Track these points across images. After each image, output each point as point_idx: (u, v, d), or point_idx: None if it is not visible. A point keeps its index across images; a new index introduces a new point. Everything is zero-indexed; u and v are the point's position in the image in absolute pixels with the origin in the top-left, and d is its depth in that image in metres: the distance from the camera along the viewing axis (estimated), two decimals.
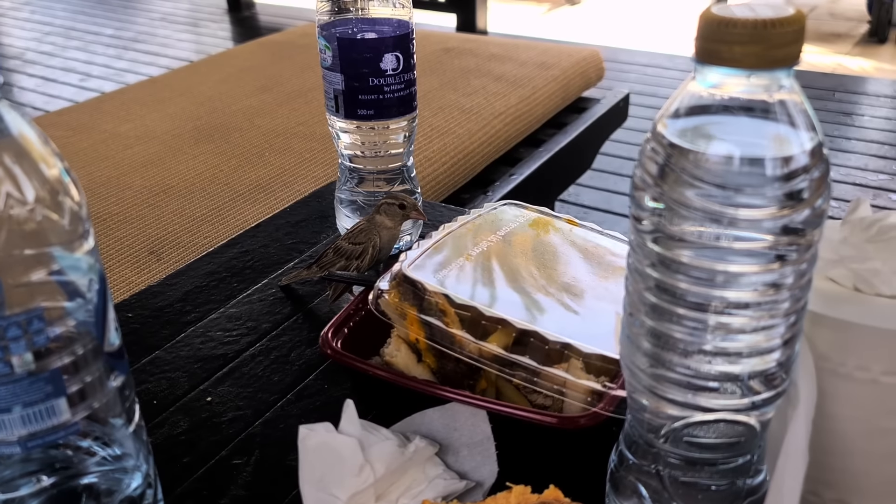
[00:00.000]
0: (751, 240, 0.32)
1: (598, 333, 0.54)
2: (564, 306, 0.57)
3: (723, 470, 0.40)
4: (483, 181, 1.42)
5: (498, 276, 0.58)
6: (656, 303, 0.35)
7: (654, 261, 0.35)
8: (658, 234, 0.34)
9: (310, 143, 1.38)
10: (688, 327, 0.34)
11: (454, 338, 0.53)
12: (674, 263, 0.33)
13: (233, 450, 0.54)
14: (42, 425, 0.36)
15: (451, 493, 0.47)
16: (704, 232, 0.32)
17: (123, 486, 0.42)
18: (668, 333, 0.35)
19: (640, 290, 0.37)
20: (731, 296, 0.33)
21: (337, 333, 0.57)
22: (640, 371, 0.39)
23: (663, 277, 0.34)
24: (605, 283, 0.59)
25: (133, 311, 0.70)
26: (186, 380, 0.61)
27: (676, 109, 0.35)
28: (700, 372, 0.36)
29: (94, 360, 0.37)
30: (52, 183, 0.35)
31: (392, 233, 0.68)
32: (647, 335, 0.37)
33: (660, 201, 0.34)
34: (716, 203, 0.32)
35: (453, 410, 0.51)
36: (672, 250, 0.33)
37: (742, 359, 0.35)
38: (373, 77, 0.70)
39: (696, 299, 0.34)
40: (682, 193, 0.33)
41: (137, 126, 1.49)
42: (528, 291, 0.57)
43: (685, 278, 0.33)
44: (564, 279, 0.59)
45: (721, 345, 0.34)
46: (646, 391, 0.39)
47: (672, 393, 0.37)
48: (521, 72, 1.62)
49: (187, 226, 1.14)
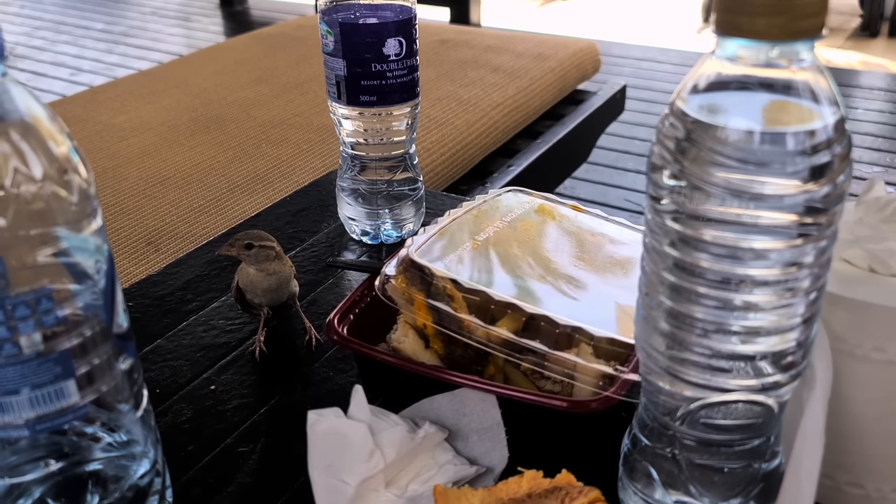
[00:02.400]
0: (773, 216, 0.32)
1: (603, 319, 0.54)
2: (571, 292, 0.56)
3: (739, 452, 0.40)
4: (481, 172, 1.41)
5: (504, 262, 0.58)
6: (675, 282, 0.35)
7: (673, 239, 0.34)
8: (678, 213, 0.34)
9: (307, 133, 1.37)
10: (708, 306, 0.34)
11: (462, 323, 0.52)
12: (695, 241, 0.33)
13: (238, 437, 0.53)
14: (50, 408, 0.35)
15: (461, 478, 0.47)
16: (726, 208, 0.32)
17: (131, 472, 0.41)
18: (687, 313, 0.35)
19: (659, 270, 0.36)
20: (752, 273, 0.32)
21: (343, 319, 0.56)
22: (656, 352, 0.38)
23: (683, 256, 0.34)
24: (611, 270, 0.59)
25: (133, 300, 0.69)
26: (189, 368, 0.60)
27: (695, 85, 0.34)
28: (719, 352, 0.35)
29: (102, 342, 0.36)
30: (61, 160, 0.35)
31: (249, 277, 0.60)
32: (665, 316, 0.37)
33: (680, 179, 0.34)
34: (738, 178, 0.32)
35: (462, 396, 0.50)
36: (693, 228, 0.33)
37: (762, 338, 0.35)
38: (375, 62, 0.69)
39: (717, 277, 0.33)
40: (703, 169, 0.32)
41: (132, 118, 1.48)
42: (534, 277, 0.57)
43: (706, 256, 0.33)
44: (570, 265, 0.58)
45: (741, 323, 0.34)
46: (662, 373, 0.39)
47: (690, 374, 0.37)
48: (518, 63, 1.62)
49: (185, 217, 1.13)
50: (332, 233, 0.80)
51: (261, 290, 0.61)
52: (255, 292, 0.61)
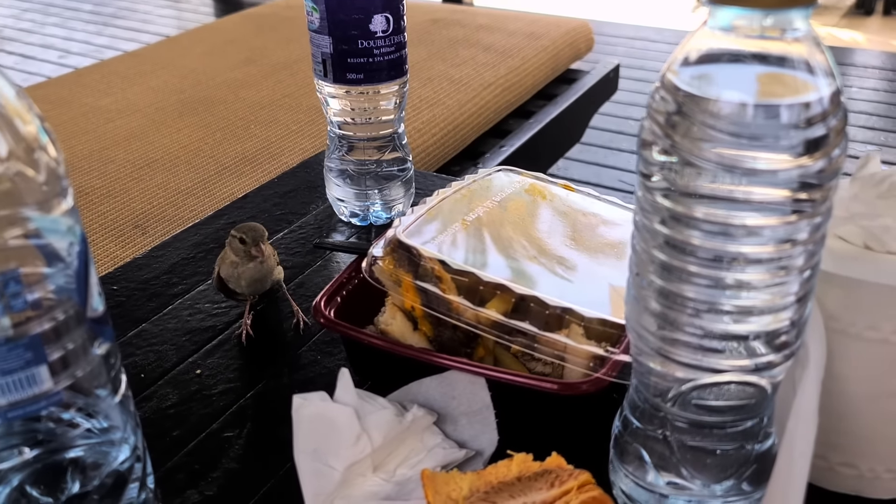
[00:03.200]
0: (767, 191, 0.31)
1: (596, 300, 0.53)
2: (561, 273, 0.55)
3: (731, 433, 0.39)
4: (473, 153, 1.40)
5: (494, 243, 0.57)
6: (666, 261, 0.34)
7: (664, 217, 0.33)
8: (669, 189, 0.33)
9: (296, 114, 1.35)
10: (700, 285, 0.33)
11: (451, 304, 0.51)
12: (686, 218, 0.32)
13: (224, 422, 0.52)
14: (22, 394, 0.34)
15: (450, 462, 0.46)
16: (719, 184, 0.31)
17: (110, 459, 0.40)
18: (678, 293, 0.34)
19: (649, 249, 0.35)
20: (745, 250, 0.31)
21: (330, 302, 0.55)
22: (647, 333, 0.38)
23: (674, 234, 0.33)
24: (602, 250, 0.58)
25: (118, 284, 0.68)
26: (175, 352, 0.59)
27: (686, 56, 0.33)
28: (711, 332, 0.35)
29: (76, 326, 0.35)
30: (28, 139, 0.33)
31: (235, 269, 0.59)
32: (656, 295, 0.36)
33: (671, 154, 0.32)
34: (731, 153, 0.31)
35: (451, 379, 0.49)
36: (684, 205, 0.32)
37: (755, 317, 0.34)
38: (362, 39, 0.67)
39: (708, 255, 0.32)
40: (694, 144, 0.31)
41: (119, 99, 1.46)
42: (524, 257, 0.56)
43: (698, 233, 0.32)
44: (562, 246, 0.57)
45: (734, 303, 0.33)
46: (653, 353, 0.38)
47: (681, 354, 0.36)
48: (510, 42, 1.60)
49: (172, 199, 1.12)
50: (320, 214, 0.79)
51: (245, 280, 0.59)
52: (238, 283, 0.59)
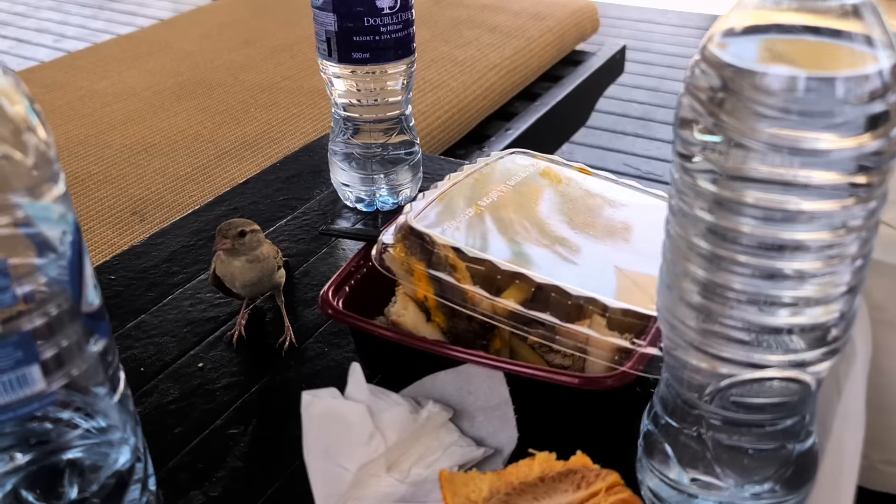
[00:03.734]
0: (824, 174, 0.28)
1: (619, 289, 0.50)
2: (581, 259, 0.53)
3: (771, 432, 0.37)
4: (478, 136, 1.37)
5: (509, 229, 0.54)
6: (710, 249, 0.31)
7: (708, 203, 0.31)
8: (713, 172, 0.30)
9: (297, 97, 1.32)
10: (747, 275, 0.30)
11: (466, 294, 0.49)
12: (734, 204, 0.29)
13: (228, 419, 0.50)
14: (13, 396, 0.31)
15: (468, 461, 0.44)
16: (773, 166, 0.28)
17: (110, 461, 0.38)
18: (723, 283, 0.31)
19: (688, 236, 0.32)
20: (800, 237, 0.29)
21: (337, 292, 0.52)
22: (683, 325, 0.35)
23: (720, 221, 0.30)
24: (619, 235, 0.55)
25: (116, 273, 0.65)
26: (175, 345, 0.57)
27: (731, 27, 0.30)
28: (756, 325, 0.32)
29: (70, 321, 0.33)
30: (15, 120, 0.31)
31: (228, 268, 0.55)
32: (696, 285, 0.33)
33: (715, 133, 0.30)
34: (785, 132, 0.28)
35: (467, 373, 0.47)
36: (732, 189, 0.29)
37: (804, 309, 0.31)
38: (368, 16, 0.64)
39: (758, 243, 0.30)
40: (743, 122, 0.29)
41: (115, 83, 1.43)
42: (542, 244, 0.53)
43: (748, 220, 0.29)
44: (580, 232, 0.55)
45: (783, 294, 0.31)
46: (689, 347, 0.35)
47: (722, 349, 0.33)
48: (515, 22, 1.57)
49: (171, 185, 1.09)
50: (324, 200, 0.76)
51: (240, 282, 0.56)
52: (233, 283, 0.56)
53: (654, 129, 2.36)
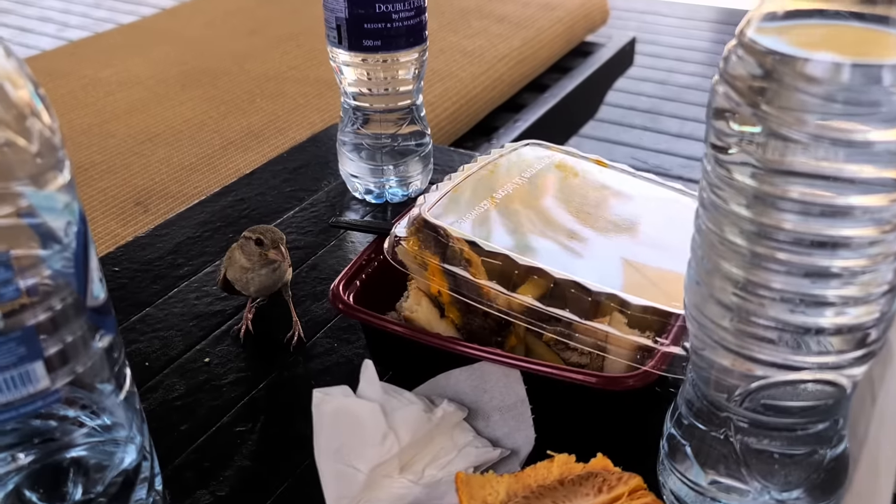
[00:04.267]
0: (872, 168, 0.27)
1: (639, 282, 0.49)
2: (597, 253, 0.51)
3: (802, 437, 0.35)
4: (486, 128, 1.35)
5: (526, 222, 0.53)
6: (748, 246, 0.30)
7: (746, 197, 0.29)
8: (752, 165, 0.29)
9: (303, 87, 1.30)
10: (787, 274, 0.29)
11: (481, 289, 0.47)
12: (776, 199, 0.28)
13: (236, 415, 0.49)
14: (15, 394, 0.30)
15: (484, 462, 0.42)
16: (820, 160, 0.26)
17: (115, 460, 0.36)
18: (760, 282, 0.30)
19: (722, 232, 0.31)
20: (847, 234, 0.27)
21: (348, 286, 0.51)
22: (712, 323, 0.34)
23: (759, 217, 0.29)
24: (643, 229, 0.54)
25: (120, 265, 0.64)
26: (181, 339, 0.55)
27: (772, 11, 0.29)
28: (793, 325, 0.31)
29: (75, 316, 0.31)
30: (19, 105, 0.29)
31: (245, 273, 0.53)
32: (730, 284, 0.31)
33: (755, 124, 0.28)
34: (833, 123, 0.26)
35: (482, 371, 0.45)
36: (773, 184, 0.28)
37: (847, 308, 0.30)
38: (380, 3, 0.63)
39: (801, 240, 0.28)
40: (789, 113, 0.27)
41: (119, 71, 1.41)
42: (558, 238, 0.52)
43: (791, 216, 0.27)
44: (598, 225, 0.53)
45: (825, 293, 0.29)
46: (717, 347, 0.34)
47: (755, 349, 0.32)
48: (525, 13, 1.55)
49: (175, 175, 1.07)
50: (332, 191, 0.74)
51: (254, 286, 0.54)
52: (245, 287, 0.54)
53: (662, 123, 2.34)
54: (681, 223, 0.56)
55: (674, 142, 2.23)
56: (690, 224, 0.54)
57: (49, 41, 3.13)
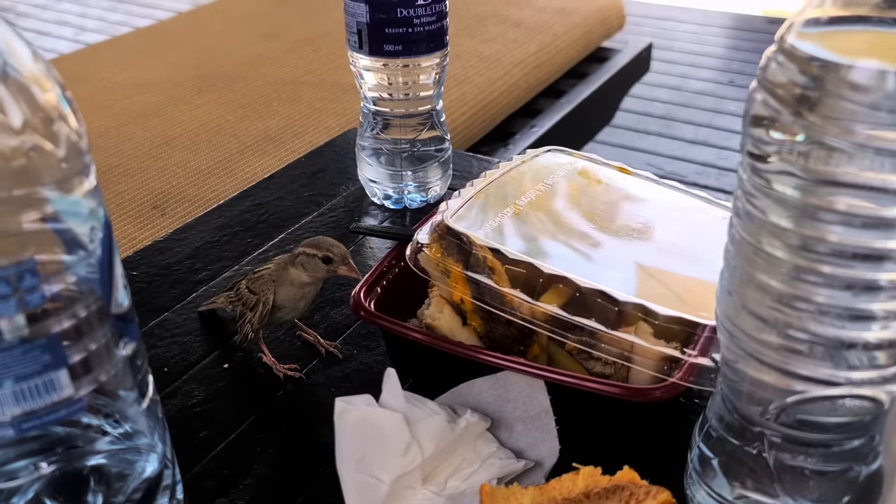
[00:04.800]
0: None
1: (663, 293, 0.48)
2: (626, 262, 0.50)
3: (837, 453, 0.34)
4: (502, 133, 1.35)
5: (549, 230, 0.52)
6: (787, 259, 0.29)
7: (787, 208, 0.28)
8: (794, 176, 0.28)
9: (320, 91, 1.30)
10: (831, 287, 0.28)
11: (505, 297, 0.46)
12: (820, 211, 0.27)
13: (255, 422, 0.48)
14: (39, 402, 0.30)
15: (508, 474, 0.42)
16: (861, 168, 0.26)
17: (137, 469, 0.36)
18: (800, 295, 0.29)
19: (759, 243, 0.30)
20: (893, 246, 0.26)
21: (369, 293, 0.50)
22: (744, 335, 0.33)
23: (801, 228, 0.28)
24: (667, 237, 0.53)
25: (138, 269, 0.64)
26: (200, 344, 0.55)
27: (815, 17, 0.28)
28: (835, 339, 0.30)
29: (99, 323, 0.31)
30: (46, 109, 0.29)
31: (300, 292, 0.50)
32: (766, 295, 0.31)
33: (795, 133, 0.27)
34: (882, 133, 0.26)
35: (506, 380, 0.45)
36: (818, 195, 0.27)
37: (892, 322, 0.29)
38: (402, 7, 0.62)
39: (845, 253, 0.27)
40: (836, 122, 0.26)
41: (136, 74, 1.41)
42: (582, 246, 0.51)
43: (837, 228, 0.27)
44: (622, 233, 0.52)
45: (871, 306, 0.28)
46: (750, 358, 0.33)
47: (793, 363, 0.31)
48: (541, 18, 1.54)
49: (192, 178, 1.07)
50: (350, 196, 0.74)
51: (307, 299, 0.51)
52: (297, 305, 0.51)
53: (678, 129, 2.33)
54: (707, 232, 0.55)
55: (689, 148, 2.21)
56: (717, 233, 0.53)
57: (66, 45, 3.15)
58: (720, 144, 2.20)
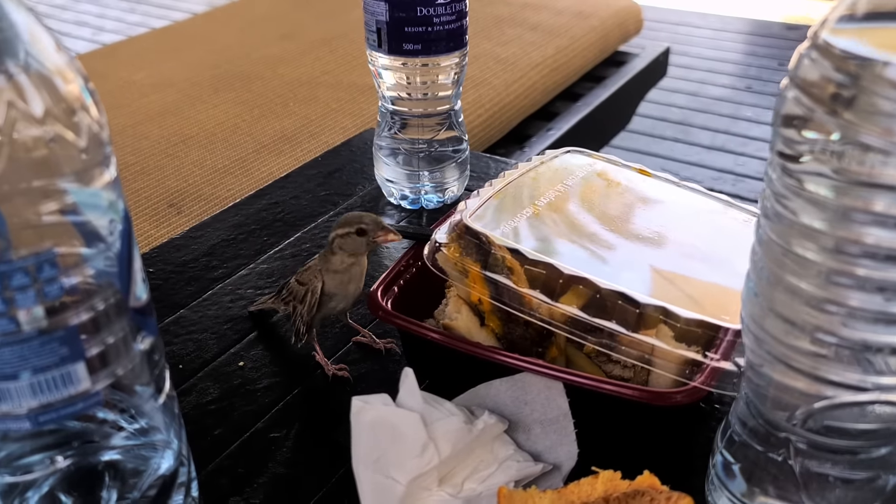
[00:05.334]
0: None
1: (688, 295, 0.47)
2: (645, 265, 0.50)
3: (865, 460, 0.34)
4: (519, 136, 1.34)
5: (568, 230, 0.51)
6: (820, 261, 0.28)
7: (820, 209, 0.28)
8: (828, 177, 0.27)
9: (336, 92, 1.30)
10: (864, 290, 0.27)
11: (523, 298, 0.46)
12: (855, 212, 0.26)
13: (270, 421, 0.48)
14: (56, 395, 0.29)
15: (525, 476, 0.41)
16: None
17: (152, 465, 0.35)
18: (834, 299, 0.28)
19: (789, 245, 0.30)
20: None
21: (386, 292, 0.50)
22: (771, 338, 0.32)
23: (835, 230, 0.27)
24: (687, 239, 0.52)
25: (154, 266, 0.63)
26: (215, 342, 0.55)
27: (850, 12, 0.28)
28: (867, 343, 0.29)
29: (117, 316, 0.31)
30: (69, 99, 0.29)
31: (347, 275, 0.49)
32: (795, 298, 0.30)
33: (832, 131, 0.27)
34: None
35: (524, 382, 0.44)
36: (854, 196, 0.26)
37: None
38: (421, 6, 0.62)
39: (879, 255, 0.27)
40: (874, 122, 0.26)
41: (153, 74, 1.42)
42: (600, 248, 0.50)
43: (874, 230, 0.26)
44: (642, 235, 0.52)
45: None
46: (776, 362, 0.32)
47: (822, 368, 0.30)
48: (558, 21, 1.53)
49: (208, 177, 1.07)
50: (367, 196, 0.74)
51: (355, 284, 0.50)
52: (346, 291, 0.50)
53: (694, 134, 2.31)
54: (727, 236, 0.55)
55: (705, 154, 2.20)
56: (737, 237, 0.52)
57: (84, 45, 3.18)
58: (737, 150, 2.19)
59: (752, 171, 2.08)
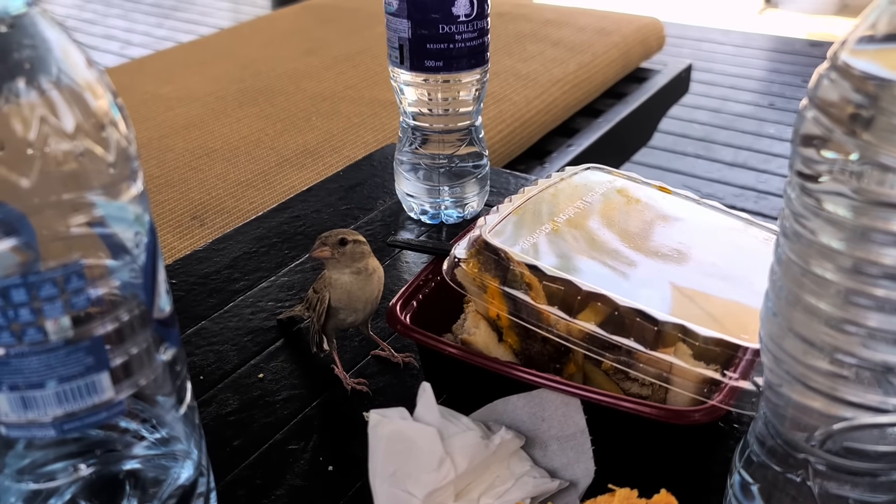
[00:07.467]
0: None
1: (708, 313, 0.47)
2: (664, 282, 0.50)
3: (885, 483, 0.33)
4: (539, 152, 1.34)
5: (587, 247, 0.51)
6: (838, 281, 0.28)
7: (839, 229, 0.28)
8: (847, 197, 0.27)
9: (358, 107, 1.31)
10: (883, 311, 0.27)
11: (542, 314, 0.46)
12: (874, 233, 0.26)
13: (288, 433, 0.48)
14: (81, 404, 0.30)
15: (541, 493, 0.41)
16: None
17: (172, 475, 0.36)
18: (853, 319, 0.28)
19: (808, 265, 0.30)
20: None
21: (405, 306, 0.50)
22: (790, 358, 0.32)
23: (853, 251, 0.27)
24: (707, 258, 0.52)
25: (177, 278, 0.64)
26: (236, 354, 0.55)
27: (871, 33, 0.28)
28: (889, 365, 0.29)
29: (141, 328, 0.31)
30: (98, 114, 0.29)
31: (352, 286, 0.50)
32: (814, 318, 0.30)
33: (851, 152, 0.27)
34: None
35: (541, 398, 0.44)
36: (873, 217, 0.26)
37: None
38: (443, 24, 0.63)
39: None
40: (891, 140, 0.26)
41: (179, 88, 1.44)
42: (619, 265, 0.50)
43: (893, 251, 0.26)
44: (661, 252, 0.52)
45: None
46: (795, 382, 0.32)
47: (842, 389, 0.30)
48: (580, 38, 1.54)
49: (231, 190, 1.09)
50: (387, 210, 0.74)
51: (362, 301, 0.51)
52: (353, 306, 0.51)
53: (716, 151, 2.30)
54: (747, 254, 0.54)
55: (727, 171, 2.19)
56: (757, 255, 0.52)
57: (112, 58, 3.23)
58: (759, 168, 2.18)
59: (774, 188, 2.07)
